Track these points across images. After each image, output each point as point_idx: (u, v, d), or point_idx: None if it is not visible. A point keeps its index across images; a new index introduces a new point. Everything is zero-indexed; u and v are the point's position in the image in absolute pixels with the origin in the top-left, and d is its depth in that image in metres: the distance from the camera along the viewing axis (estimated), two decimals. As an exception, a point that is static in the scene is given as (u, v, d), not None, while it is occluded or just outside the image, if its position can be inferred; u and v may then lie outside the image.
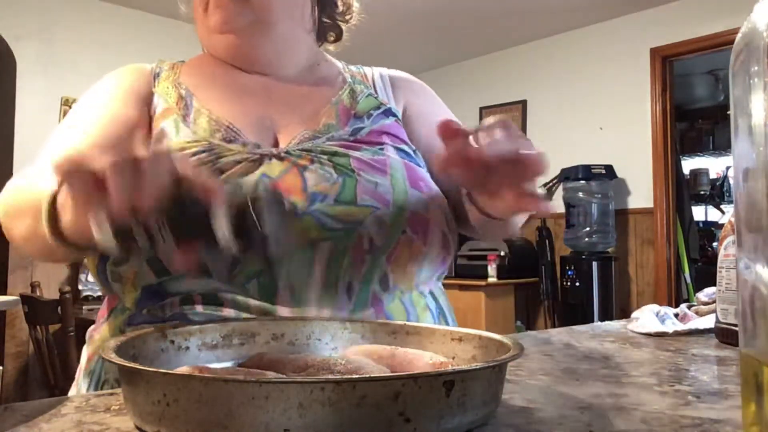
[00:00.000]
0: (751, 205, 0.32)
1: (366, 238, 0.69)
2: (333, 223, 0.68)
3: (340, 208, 0.69)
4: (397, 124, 0.85)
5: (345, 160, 0.74)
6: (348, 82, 0.89)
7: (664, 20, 3.98)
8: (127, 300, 0.71)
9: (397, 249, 0.71)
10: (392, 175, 0.75)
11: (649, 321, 0.90)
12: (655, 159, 4.02)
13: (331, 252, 0.68)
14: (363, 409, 0.35)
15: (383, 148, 0.78)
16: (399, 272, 0.72)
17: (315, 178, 0.71)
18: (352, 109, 0.84)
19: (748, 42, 0.32)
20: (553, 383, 0.55)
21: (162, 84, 0.83)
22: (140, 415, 0.40)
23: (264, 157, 0.73)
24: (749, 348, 0.33)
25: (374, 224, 0.69)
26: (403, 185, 0.74)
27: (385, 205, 0.71)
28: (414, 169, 0.79)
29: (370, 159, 0.76)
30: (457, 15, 4.16)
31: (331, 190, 0.70)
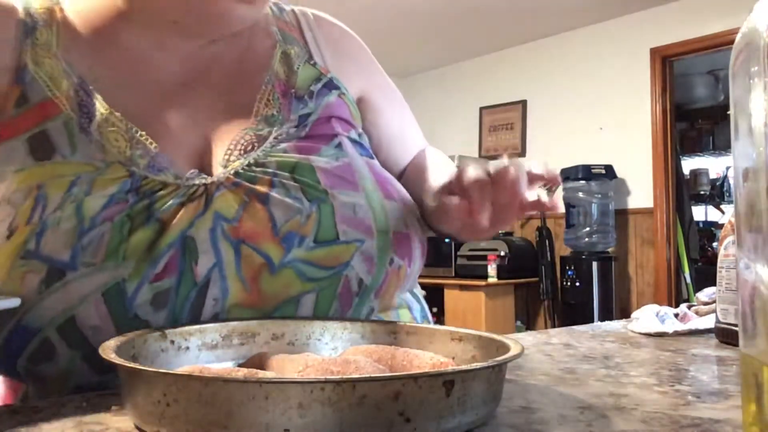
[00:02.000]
0: (751, 205, 0.32)
1: (354, 279, 0.59)
2: (316, 271, 0.57)
3: (321, 251, 0.57)
4: (340, 100, 0.70)
5: (311, 175, 0.60)
6: (278, 40, 0.70)
7: (664, 20, 3.98)
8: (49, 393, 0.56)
9: (385, 282, 0.63)
10: (364, 187, 0.62)
11: (649, 321, 0.90)
12: (655, 159, 4.02)
13: (316, 303, 0.58)
14: (363, 409, 0.35)
15: (340, 144, 0.65)
16: (384, 302, 0.65)
17: (283, 211, 0.57)
18: (289, 84, 0.67)
19: (748, 42, 0.32)
20: (553, 383, 0.55)
21: (40, 56, 0.58)
22: (140, 415, 0.40)
23: (209, 188, 0.57)
24: (749, 348, 0.33)
25: (361, 262, 0.59)
26: (378, 199, 0.63)
27: (368, 236, 0.60)
28: (377, 170, 0.67)
29: (335, 168, 0.62)
30: (457, 15, 4.16)
31: (306, 228, 0.57)
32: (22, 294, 0.51)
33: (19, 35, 0.59)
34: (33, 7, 0.61)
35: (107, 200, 0.53)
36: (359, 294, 0.61)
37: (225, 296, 0.54)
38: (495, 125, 4.95)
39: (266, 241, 0.56)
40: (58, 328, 0.51)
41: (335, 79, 0.71)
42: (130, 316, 0.51)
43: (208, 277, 0.54)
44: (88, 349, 0.51)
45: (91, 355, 0.50)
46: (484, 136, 4.99)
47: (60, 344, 0.51)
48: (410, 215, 0.67)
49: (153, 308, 0.52)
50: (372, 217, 0.61)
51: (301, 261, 0.56)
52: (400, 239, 0.64)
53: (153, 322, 0.52)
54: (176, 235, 0.53)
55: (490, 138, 4.95)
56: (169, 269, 0.52)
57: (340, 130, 0.66)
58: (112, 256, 0.51)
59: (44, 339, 0.52)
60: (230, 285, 0.54)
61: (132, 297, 0.51)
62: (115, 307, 0.51)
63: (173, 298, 0.53)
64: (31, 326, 0.51)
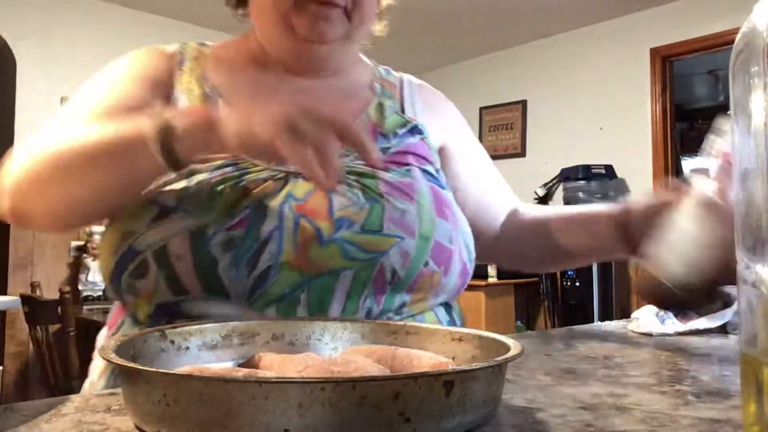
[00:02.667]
0: (751, 205, 0.32)
1: (389, 269, 0.68)
2: (357, 252, 0.67)
3: (365, 237, 0.67)
4: (422, 142, 0.84)
5: (373, 182, 0.72)
6: (377, 94, 0.87)
7: (664, 20, 3.98)
8: (138, 313, 0.69)
9: (418, 280, 0.70)
10: (419, 201, 0.73)
11: (650, 321, 0.90)
12: (655, 159, 4.02)
13: (352, 282, 0.67)
14: (363, 409, 0.35)
15: (410, 170, 0.77)
16: (417, 301, 0.72)
17: (342, 201, 0.69)
18: (379, 126, 0.82)
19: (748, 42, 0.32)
20: (553, 383, 0.55)
21: (185, 77, 0.79)
22: (140, 415, 0.40)
23: (290, 176, 0.71)
24: (749, 348, 0.33)
25: (398, 255, 0.68)
26: (430, 213, 0.73)
27: (410, 236, 0.69)
28: (440, 194, 0.77)
29: (397, 182, 0.74)
30: (457, 15, 4.16)
31: (357, 217, 0.68)
32: (137, 225, 0.66)
33: (173, 67, 0.80)
34: (186, 48, 0.84)
35: (211, 170, 0.69)
36: (392, 284, 0.68)
37: (279, 253, 0.65)
38: (495, 125, 4.95)
39: (322, 219, 0.67)
40: (153, 253, 0.65)
41: (420, 125, 0.86)
42: (204, 252, 0.64)
43: (269, 236, 0.65)
44: (170, 272, 0.64)
45: (171, 278, 0.65)
46: (484, 136, 4.99)
47: (152, 265, 0.65)
48: (458, 236, 0.75)
49: (222, 249, 0.64)
50: (418, 223, 0.71)
51: (347, 241, 0.66)
52: (440, 249, 0.71)
53: (221, 260, 0.64)
54: (254, 200, 0.67)
55: (490, 138, 4.95)
56: (241, 223, 0.65)
57: (414, 162, 0.79)
58: (204, 207, 0.66)
59: (143, 260, 0.65)
60: (285, 246, 0.65)
61: (210, 238, 0.64)
62: (195, 243, 0.64)
63: (239, 245, 0.64)
64: (136, 249, 0.65)
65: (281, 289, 0.65)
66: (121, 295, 0.69)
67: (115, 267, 0.67)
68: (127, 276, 0.66)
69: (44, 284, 3.41)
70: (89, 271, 3.61)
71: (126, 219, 0.68)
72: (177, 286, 0.64)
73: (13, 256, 3.54)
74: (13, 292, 3.36)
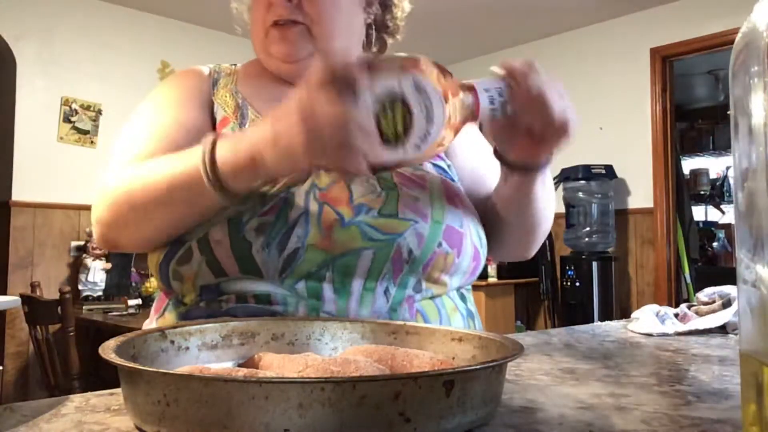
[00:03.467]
0: (751, 205, 0.32)
1: (405, 248, 0.73)
2: (376, 233, 0.73)
3: (382, 220, 0.74)
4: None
5: (387, 174, 0.79)
6: None
7: (664, 20, 3.98)
8: (185, 297, 0.76)
9: (432, 260, 0.75)
10: (430, 189, 0.80)
11: (650, 321, 0.90)
12: (655, 159, 4.02)
13: (372, 260, 0.72)
14: (363, 409, 0.35)
15: (422, 165, 0.84)
16: (432, 280, 0.76)
17: (361, 190, 0.76)
18: None
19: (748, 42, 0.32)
20: (553, 383, 0.55)
21: (220, 92, 0.88)
22: (140, 415, 0.40)
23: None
24: (749, 348, 0.33)
25: (413, 236, 0.74)
26: (441, 200, 0.79)
27: (423, 219, 0.75)
28: (450, 185, 0.84)
29: (410, 174, 0.81)
30: (457, 15, 4.16)
31: (375, 203, 0.75)
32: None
33: (210, 86, 0.89)
34: (220, 67, 0.93)
35: None
36: (409, 263, 0.74)
37: (306, 236, 0.72)
38: (495, 125, 4.95)
39: (342, 205, 0.74)
40: (197, 240, 0.72)
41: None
42: (240, 236, 0.71)
43: (296, 221, 0.72)
44: (211, 256, 0.72)
45: (211, 261, 0.72)
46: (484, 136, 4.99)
47: (195, 251, 0.72)
48: (468, 221, 0.81)
49: (255, 233, 0.71)
50: (430, 208, 0.77)
51: (366, 224, 0.73)
52: (452, 232, 0.77)
53: (254, 243, 0.71)
54: (283, 189, 0.74)
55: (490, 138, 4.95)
56: (272, 210, 0.73)
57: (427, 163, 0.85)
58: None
59: (188, 248, 0.73)
60: (311, 229, 0.72)
61: (244, 224, 0.71)
62: (232, 228, 0.71)
63: (270, 229, 0.72)
64: (183, 239, 0.73)
65: (308, 268, 0.71)
66: (169, 281, 0.75)
67: (164, 256, 0.75)
68: (174, 263, 0.74)
69: (44, 284, 3.41)
70: (89, 271, 3.60)
71: None
72: (217, 268, 0.72)
73: (13, 256, 3.54)
74: (13, 292, 3.36)
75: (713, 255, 5.19)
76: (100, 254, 3.64)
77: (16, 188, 3.58)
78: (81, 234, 3.73)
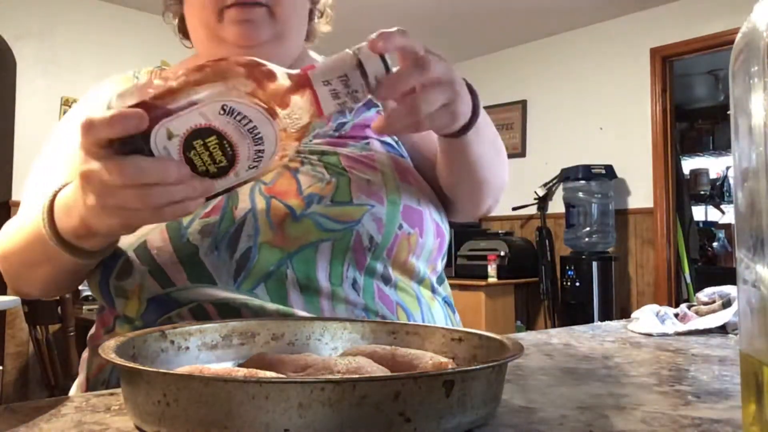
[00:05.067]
0: (751, 205, 0.32)
1: (365, 235, 0.70)
2: (331, 223, 0.69)
3: (337, 209, 0.70)
4: (377, 114, 0.84)
5: (335, 158, 0.75)
6: None
7: (664, 20, 3.98)
8: (132, 314, 0.70)
9: (396, 243, 0.72)
10: (382, 170, 0.76)
11: (650, 321, 0.90)
12: (655, 159, 4.02)
13: (332, 251, 0.69)
14: (363, 409, 0.35)
15: (369, 143, 0.79)
16: (399, 265, 0.73)
17: (308, 179, 0.72)
18: None
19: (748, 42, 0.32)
20: (553, 383, 0.55)
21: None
22: (140, 415, 0.40)
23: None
24: (749, 348, 0.33)
25: (371, 221, 0.70)
26: (394, 180, 0.75)
27: (379, 202, 0.72)
28: (400, 162, 0.79)
29: (358, 155, 0.76)
30: (457, 15, 4.16)
31: (325, 191, 0.71)
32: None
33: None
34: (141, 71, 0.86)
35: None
36: (371, 250, 0.71)
37: (257, 234, 0.68)
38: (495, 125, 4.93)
39: (291, 197, 0.70)
40: (135, 250, 0.68)
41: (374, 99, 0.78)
42: (183, 241, 0.67)
43: (244, 219, 0.68)
44: (154, 265, 0.67)
45: (155, 271, 0.67)
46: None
47: (135, 262, 0.68)
48: (425, 197, 0.78)
49: (200, 236, 0.67)
50: (384, 190, 0.73)
51: (319, 214, 0.69)
52: (410, 211, 0.74)
53: (200, 246, 0.67)
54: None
55: (490, 138, 4.95)
56: (214, 210, 0.68)
57: (372, 134, 0.80)
58: None
59: (126, 259, 0.68)
60: (260, 226, 0.68)
61: (186, 227, 0.67)
62: (173, 233, 0.67)
63: (216, 230, 0.68)
64: (118, 252, 0.68)
65: (265, 268, 0.67)
66: (112, 300, 0.71)
67: (101, 275, 0.70)
68: (113, 279, 0.69)
69: (44, 284, 3.41)
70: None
71: None
72: (162, 277, 0.67)
73: (13, 256, 3.54)
74: (13, 292, 3.36)
75: (713, 255, 5.19)
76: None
77: (16, 188, 3.58)
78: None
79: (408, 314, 0.72)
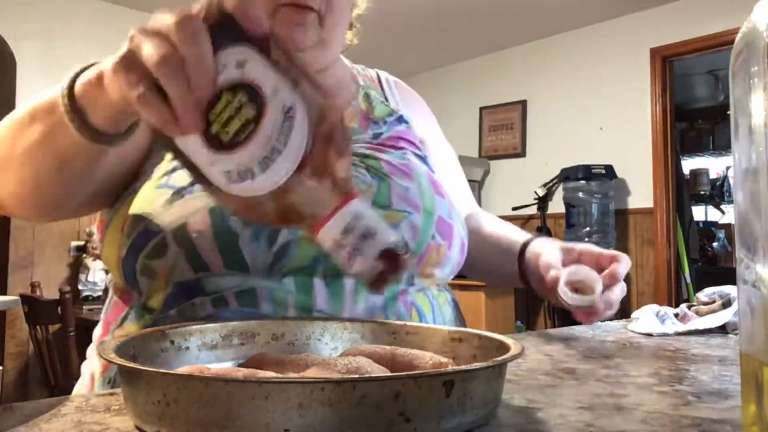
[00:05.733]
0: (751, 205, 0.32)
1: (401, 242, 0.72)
2: None
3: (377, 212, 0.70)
4: (409, 130, 0.88)
5: (376, 162, 0.76)
6: (361, 86, 0.91)
7: (664, 20, 3.98)
8: (153, 298, 0.68)
9: (427, 253, 0.74)
10: (418, 180, 0.78)
11: (650, 321, 0.90)
12: (655, 159, 4.02)
13: None
14: (363, 409, 0.35)
15: (405, 153, 0.82)
16: (425, 273, 0.75)
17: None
18: (369, 113, 0.86)
19: (748, 42, 0.32)
20: (553, 383, 0.55)
21: None
22: (140, 415, 0.40)
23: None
24: (749, 348, 0.33)
25: (408, 228, 0.72)
26: (429, 191, 0.77)
27: (416, 210, 0.74)
28: (432, 175, 0.82)
29: (397, 163, 0.78)
30: (457, 15, 4.16)
31: (367, 193, 0.72)
32: (150, 207, 0.68)
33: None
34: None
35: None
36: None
37: (297, 229, 0.65)
38: (495, 125, 4.95)
39: None
40: (173, 231, 0.66)
41: (405, 116, 0.90)
42: (225, 226, 0.66)
43: None
44: (191, 248, 0.65)
45: (192, 255, 0.65)
46: (484, 136, 4.99)
47: (171, 243, 0.65)
48: (455, 212, 0.80)
49: (242, 224, 0.66)
50: (421, 199, 0.75)
51: None
52: (442, 224, 0.76)
53: (241, 234, 0.66)
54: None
55: (490, 138, 4.95)
56: None
57: (407, 146, 0.84)
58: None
59: (161, 239, 0.66)
60: None
61: (228, 213, 0.65)
62: (215, 219, 0.66)
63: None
64: (153, 230, 0.66)
65: (300, 263, 0.67)
66: (134, 278, 0.68)
67: (128, 249, 0.67)
68: (143, 257, 0.66)
69: (44, 284, 3.41)
70: (89, 271, 3.60)
71: (136, 203, 0.69)
72: (198, 262, 0.65)
73: (13, 256, 3.54)
74: (13, 292, 3.36)
75: (713, 255, 5.19)
76: (99, 254, 3.64)
77: (16, 188, 3.58)
78: (81, 234, 3.73)
79: (420, 315, 0.73)
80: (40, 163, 0.60)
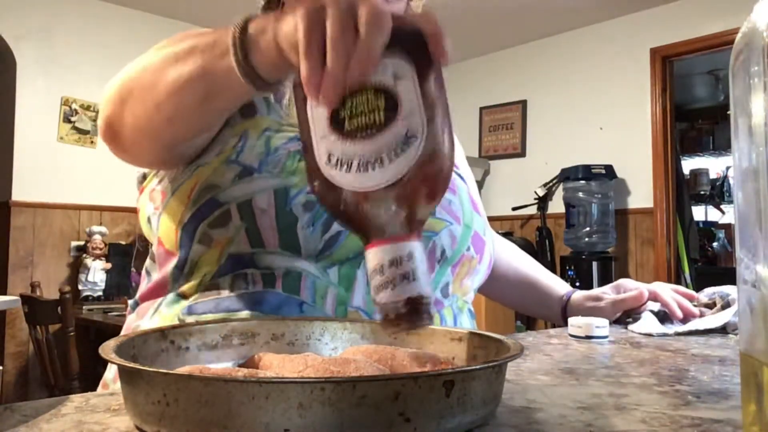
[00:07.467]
0: (751, 205, 0.32)
1: (439, 247, 0.76)
2: None
3: None
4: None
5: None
6: None
7: (664, 20, 3.98)
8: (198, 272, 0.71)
9: (460, 262, 0.78)
10: (459, 195, 0.83)
11: (650, 321, 0.90)
12: (655, 159, 4.02)
13: None
14: (363, 409, 0.35)
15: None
16: (457, 283, 0.79)
17: None
18: None
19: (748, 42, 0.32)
20: (553, 383, 0.55)
21: None
22: (140, 415, 0.40)
23: None
24: (749, 348, 0.33)
25: (447, 237, 0.77)
26: (468, 207, 0.83)
27: (456, 222, 0.79)
28: (471, 194, 0.87)
29: None
30: (457, 15, 4.16)
31: None
32: (220, 179, 0.72)
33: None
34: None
35: (287, 140, 0.75)
36: (440, 262, 0.76)
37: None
38: (495, 125, 4.95)
39: None
40: (238, 205, 0.70)
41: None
42: (286, 209, 0.70)
43: None
44: (252, 224, 0.69)
45: (252, 230, 0.69)
46: (484, 136, 4.99)
47: (235, 216, 0.69)
48: (489, 231, 0.86)
49: (303, 209, 0.70)
50: (461, 212, 0.81)
51: None
52: (477, 239, 0.82)
53: (300, 217, 0.69)
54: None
55: (490, 138, 4.95)
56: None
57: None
58: (285, 170, 0.72)
59: (225, 211, 0.70)
60: None
61: (292, 197, 0.70)
62: (279, 200, 0.70)
63: (318, 207, 0.70)
64: (220, 201, 0.70)
65: (346, 254, 0.71)
66: (190, 244, 0.72)
67: (192, 216, 0.71)
68: (205, 225, 0.70)
69: (44, 284, 3.41)
70: (89, 271, 3.60)
71: (205, 174, 0.72)
72: (256, 237, 0.69)
73: (13, 256, 3.54)
74: (13, 292, 3.36)
75: (713, 255, 5.19)
76: (100, 254, 3.64)
77: (16, 188, 3.58)
78: (81, 234, 3.73)
79: (441, 318, 0.76)
80: (187, 93, 0.62)
